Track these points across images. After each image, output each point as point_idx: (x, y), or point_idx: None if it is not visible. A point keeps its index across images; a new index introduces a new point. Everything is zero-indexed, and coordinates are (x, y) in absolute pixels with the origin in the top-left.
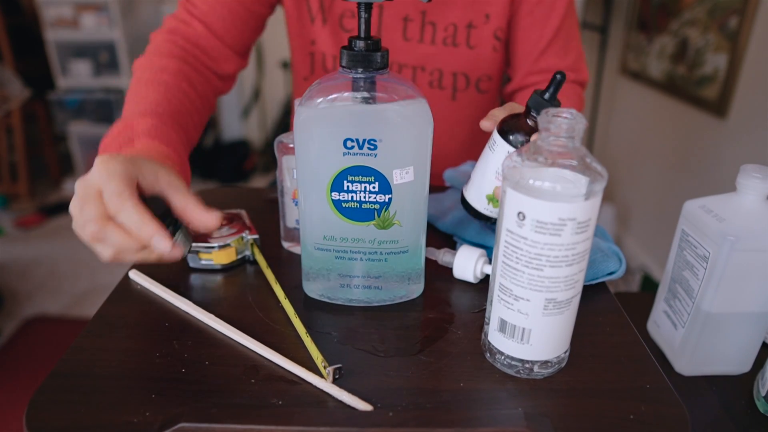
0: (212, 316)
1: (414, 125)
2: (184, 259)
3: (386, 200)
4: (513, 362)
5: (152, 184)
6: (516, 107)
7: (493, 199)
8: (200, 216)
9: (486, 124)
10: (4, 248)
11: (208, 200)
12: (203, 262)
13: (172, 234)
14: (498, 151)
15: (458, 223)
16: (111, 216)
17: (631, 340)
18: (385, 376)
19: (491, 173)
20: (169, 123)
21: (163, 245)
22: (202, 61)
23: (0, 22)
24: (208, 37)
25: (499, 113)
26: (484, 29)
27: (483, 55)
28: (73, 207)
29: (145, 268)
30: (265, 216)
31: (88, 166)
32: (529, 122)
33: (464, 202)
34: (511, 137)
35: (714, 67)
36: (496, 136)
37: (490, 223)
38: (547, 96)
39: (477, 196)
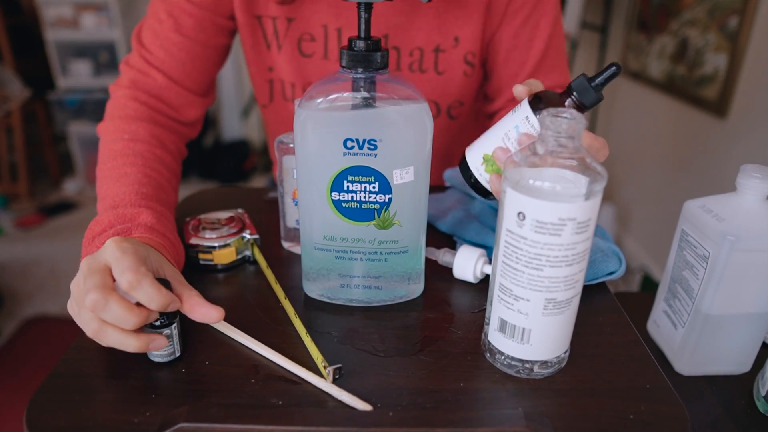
0: None
1: (414, 125)
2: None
3: (386, 200)
4: (513, 362)
5: (156, 271)
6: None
7: (489, 161)
8: (204, 309)
9: (519, 88)
10: (4, 248)
11: (208, 200)
12: (203, 262)
13: (168, 324)
14: (518, 113)
15: (458, 223)
16: (122, 290)
17: (631, 340)
18: (385, 376)
19: (500, 133)
20: (158, 208)
21: (176, 307)
22: (168, 114)
23: (0, 22)
24: (170, 87)
25: (537, 85)
26: (453, 53)
27: (453, 80)
28: (75, 283)
29: None
30: (265, 216)
31: (89, 166)
32: (566, 102)
33: (462, 160)
34: (539, 106)
35: (714, 67)
36: (524, 102)
37: (477, 193)
38: (594, 83)
39: (476, 152)
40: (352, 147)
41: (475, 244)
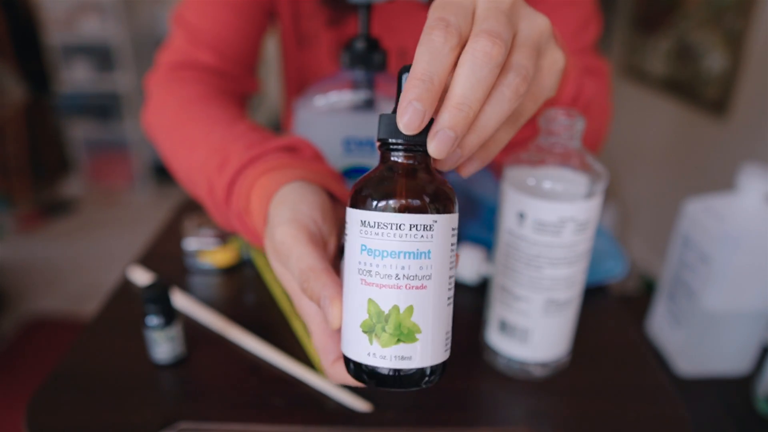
0: (212, 315)
1: None
2: (184, 260)
3: None
4: (513, 362)
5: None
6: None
7: (377, 326)
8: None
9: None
10: (4, 248)
11: None
12: (203, 263)
13: (166, 324)
14: (350, 232)
15: (458, 223)
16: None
17: (631, 340)
18: None
19: (353, 277)
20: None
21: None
22: (224, 87)
23: (0, 22)
24: (224, 62)
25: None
26: None
27: None
28: None
29: (145, 267)
30: None
31: (89, 166)
32: (394, 158)
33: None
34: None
35: (714, 67)
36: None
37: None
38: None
39: (350, 335)
40: (352, 146)
41: (474, 243)
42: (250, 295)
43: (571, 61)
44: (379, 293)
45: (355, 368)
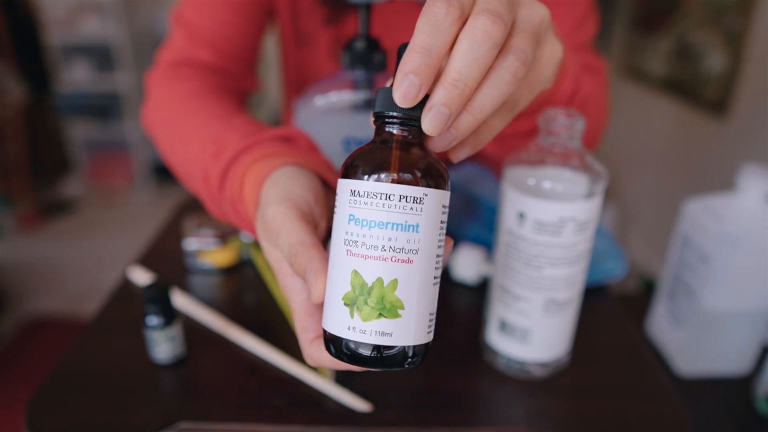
0: (212, 315)
1: None
2: (184, 260)
3: None
4: (513, 362)
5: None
6: None
7: (359, 299)
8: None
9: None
10: (4, 248)
11: None
12: (203, 263)
13: (166, 324)
14: (339, 204)
15: (458, 223)
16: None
17: (631, 340)
18: (385, 376)
19: (340, 248)
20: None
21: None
22: (224, 84)
23: (0, 22)
24: (223, 60)
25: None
26: None
27: None
28: None
29: (145, 267)
30: None
31: (89, 166)
32: (389, 131)
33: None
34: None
35: (714, 67)
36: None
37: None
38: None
39: (331, 308)
40: (352, 146)
41: (474, 243)
42: (250, 295)
43: (570, 57)
44: (364, 264)
45: (335, 347)
